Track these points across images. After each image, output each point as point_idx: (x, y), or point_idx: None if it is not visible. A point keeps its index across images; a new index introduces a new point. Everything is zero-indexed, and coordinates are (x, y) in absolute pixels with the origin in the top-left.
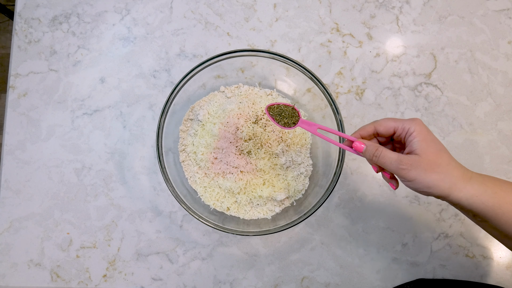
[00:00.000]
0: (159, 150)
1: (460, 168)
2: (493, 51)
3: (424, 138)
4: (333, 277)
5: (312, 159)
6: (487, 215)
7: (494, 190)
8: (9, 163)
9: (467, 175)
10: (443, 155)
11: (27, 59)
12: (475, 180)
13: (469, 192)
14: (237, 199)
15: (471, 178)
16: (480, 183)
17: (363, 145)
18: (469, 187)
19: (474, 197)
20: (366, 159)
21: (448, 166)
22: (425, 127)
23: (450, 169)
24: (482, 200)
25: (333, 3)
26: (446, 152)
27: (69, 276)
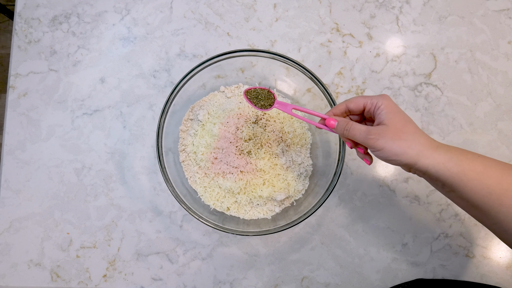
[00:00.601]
0: (159, 150)
1: (427, 137)
2: (493, 51)
3: (392, 110)
4: (333, 277)
5: (312, 159)
6: (454, 183)
7: (459, 158)
8: (9, 163)
9: (433, 144)
10: (409, 125)
11: (27, 59)
12: (442, 148)
13: (436, 159)
14: (237, 199)
15: (437, 147)
16: (446, 151)
17: (335, 122)
18: (436, 154)
19: (441, 164)
20: (339, 134)
21: (415, 134)
22: (392, 101)
23: (417, 137)
24: (448, 167)
25: (333, 3)
26: (412, 122)
27: (69, 276)
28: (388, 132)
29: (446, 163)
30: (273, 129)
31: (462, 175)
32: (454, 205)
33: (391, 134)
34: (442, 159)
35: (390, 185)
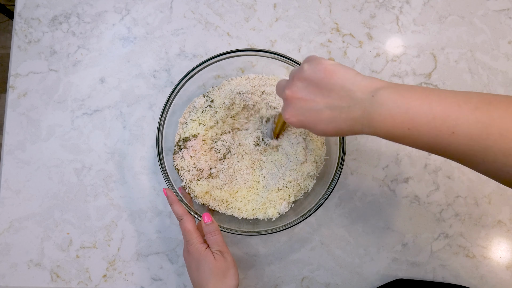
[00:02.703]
0: (159, 150)
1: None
2: (493, 51)
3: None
4: (333, 277)
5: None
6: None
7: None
8: (9, 163)
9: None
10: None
11: (27, 59)
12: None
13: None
14: (237, 200)
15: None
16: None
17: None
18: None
19: (384, 130)
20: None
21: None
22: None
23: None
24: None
25: (333, 3)
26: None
27: (69, 276)
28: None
29: (390, 128)
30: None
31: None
32: (454, 205)
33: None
34: (380, 129)
35: (390, 185)
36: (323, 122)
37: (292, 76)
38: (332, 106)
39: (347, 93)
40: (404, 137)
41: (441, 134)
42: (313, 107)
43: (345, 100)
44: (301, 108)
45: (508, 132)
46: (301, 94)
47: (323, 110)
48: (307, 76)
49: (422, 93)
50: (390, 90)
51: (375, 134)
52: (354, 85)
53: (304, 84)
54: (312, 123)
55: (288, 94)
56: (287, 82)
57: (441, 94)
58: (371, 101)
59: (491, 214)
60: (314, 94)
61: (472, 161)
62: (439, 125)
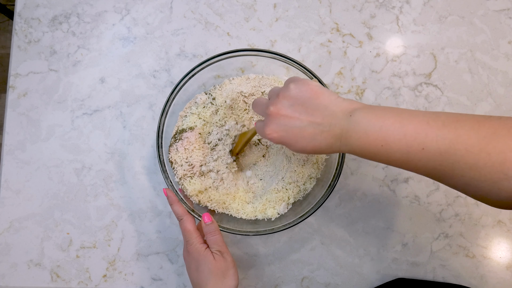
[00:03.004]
0: (159, 150)
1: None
2: (493, 51)
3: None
4: (333, 277)
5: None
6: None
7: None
8: (9, 163)
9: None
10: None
11: (27, 59)
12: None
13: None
14: (237, 200)
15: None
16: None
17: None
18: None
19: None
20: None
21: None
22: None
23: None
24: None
25: (333, 3)
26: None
27: (69, 276)
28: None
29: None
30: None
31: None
32: (454, 205)
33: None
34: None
35: (390, 185)
36: (304, 139)
37: (276, 94)
38: (315, 124)
39: (330, 113)
40: (377, 154)
41: (412, 150)
42: (297, 124)
43: (327, 119)
44: (284, 125)
45: (473, 148)
46: (286, 112)
47: (306, 128)
48: (294, 95)
49: (394, 113)
50: (365, 111)
51: (352, 151)
52: (336, 106)
53: (290, 102)
54: (294, 139)
55: (272, 110)
56: (271, 100)
57: (412, 113)
58: (348, 121)
59: (491, 214)
60: (299, 112)
61: (442, 176)
62: (410, 142)
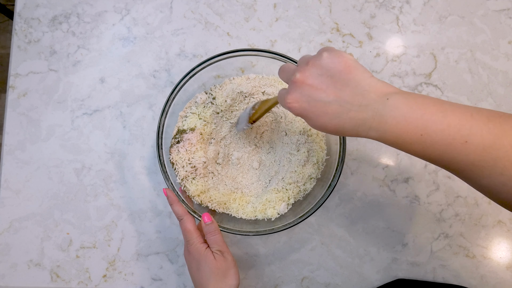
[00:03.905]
0: (159, 150)
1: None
2: (494, 51)
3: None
4: (333, 277)
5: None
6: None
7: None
8: (9, 163)
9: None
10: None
11: (27, 59)
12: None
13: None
14: (237, 200)
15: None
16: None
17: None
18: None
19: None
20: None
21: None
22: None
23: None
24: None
25: (333, 3)
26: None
27: (69, 276)
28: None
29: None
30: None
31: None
32: (454, 205)
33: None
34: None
35: (390, 185)
36: (327, 116)
37: (306, 61)
38: (342, 102)
39: (361, 92)
40: (414, 143)
41: (454, 142)
42: (322, 98)
43: (357, 98)
44: (308, 95)
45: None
46: (312, 81)
47: (331, 103)
48: (325, 65)
49: (436, 101)
50: (405, 96)
51: (382, 138)
52: (369, 85)
53: (319, 71)
54: (315, 114)
55: (298, 77)
56: (300, 66)
57: (454, 105)
58: (384, 104)
59: (491, 214)
60: (327, 85)
61: (479, 173)
62: (453, 133)
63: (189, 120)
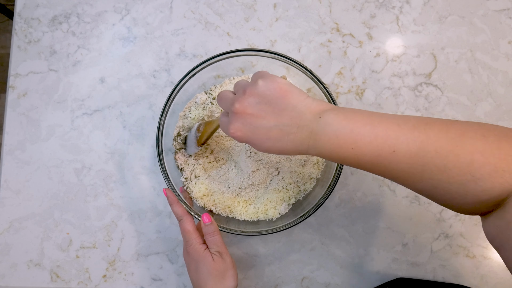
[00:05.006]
0: (159, 150)
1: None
2: (494, 51)
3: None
4: (333, 277)
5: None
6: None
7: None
8: (9, 163)
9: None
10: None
11: (27, 59)
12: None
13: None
14: (237, 200)
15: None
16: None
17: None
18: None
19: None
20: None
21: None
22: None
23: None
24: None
25: (333, 3)
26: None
27: (69, 276)
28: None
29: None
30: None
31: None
32: None
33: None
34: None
35: (390, 185)
36: (270, 141)
37: (243, 89)
38: (281, 125)
39: (298, 114)
40: (347, 157)
41: (382, 152)
42: (263, 124)
43: (295, 120)
44: (250, 124)
45: (443, 150)
46: (252, 110)
47: (272, 129)
48: (261, 93)
49: (365, 115)
50: (335, 112)
51: (320, 154)
52: (305, 106)
53: (256, 100)
54: (259, 140)
55: (238, 108)
56: (237, 95)
57: (382, 116)
58: (318, 122)
59: None
60: (265, 112)
61: (410, 179)
62: (380, 144)
63: (190, 121)
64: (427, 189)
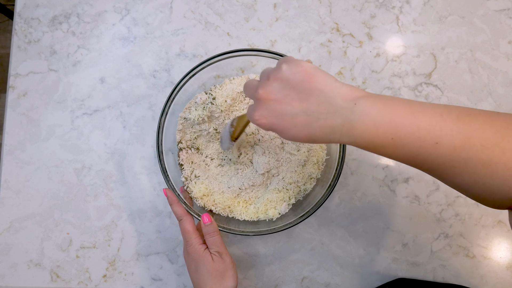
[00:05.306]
0: (159, 150)
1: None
2: (494, 51)
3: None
4: (333, 277)
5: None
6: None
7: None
8: (9, 163)
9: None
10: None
11: (27, 59)
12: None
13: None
14: (237, 200)
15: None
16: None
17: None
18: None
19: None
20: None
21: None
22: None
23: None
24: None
25: (333, 3)
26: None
27: (69, 276)
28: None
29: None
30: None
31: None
32: (454, 205)
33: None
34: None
35: (390, 185)
36: (296, 127)
37: (267, 75)
38: (309, 112)
39: (327, 99)
40: (385, 147)
41: (424, 144)
42: (288, 110)
43: (323, 106)
44: (274, 110)
45: (488, 143)
46: (276, 96)
47: (299, 115)
48: (285, 77)
49: (405, 103)
50: (372, 99)
51: (354, 143)
52: (334, 91)
53: (280, 85)
54: (285, 127)
55: (261, 94)
56: (261, 81)
57: (423, 105)
58: (352, 110)
59: (491, 214)
60: (291, 97)
61: (451, 172)
62: (423, 136)
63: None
64: (466, 183)
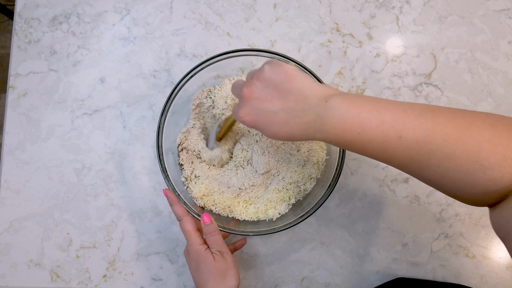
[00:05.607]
0: (159, 150)
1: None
2: (493, 51)
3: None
4: (333, 277)
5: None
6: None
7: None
8: (9, 163)
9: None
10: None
11: (27, 59)
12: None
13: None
14: (237, 200)
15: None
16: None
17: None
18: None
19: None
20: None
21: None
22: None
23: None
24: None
25: (333, 3)
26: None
27: (69, 276)
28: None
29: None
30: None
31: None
32: (454, 205)
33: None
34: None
35: (390, 185)
36: (276, 124)
37: (251, 75)
38: (287, 109)
39: (303, 98)
40: (353, 142)
41: (388, 138)
42: (269, 108)
43: (300, 104)
44: (256, 108)
45: (450, 137)
46: (258, 94)
47: (278, 112)
48: (267, 77)
49: (372, 100)
50: (342, 97)
51: (326, 139)
52: (310, 90)
53: (263, 84)
54: (266, 124)
55: (245, 92)
56: (246, 81)
57: (389, 102)
58: (324, 106)
59: None
60: (272, 96)
61: (417, 167)
62: (387, 130)
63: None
64: (434, 178)
